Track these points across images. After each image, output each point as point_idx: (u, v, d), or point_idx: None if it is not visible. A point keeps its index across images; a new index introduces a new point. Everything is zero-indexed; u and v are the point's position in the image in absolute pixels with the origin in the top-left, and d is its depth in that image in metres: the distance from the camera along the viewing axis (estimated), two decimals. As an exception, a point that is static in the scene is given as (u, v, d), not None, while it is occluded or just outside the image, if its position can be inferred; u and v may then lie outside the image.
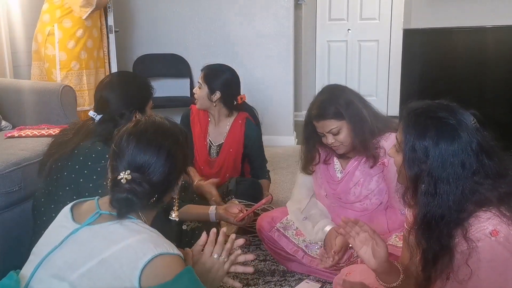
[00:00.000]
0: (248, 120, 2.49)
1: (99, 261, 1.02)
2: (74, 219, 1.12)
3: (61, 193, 1.58)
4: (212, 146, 2.49)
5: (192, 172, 2.40)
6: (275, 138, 4.03)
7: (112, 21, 3.39)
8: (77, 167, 1.57)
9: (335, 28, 5.25)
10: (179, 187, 1.22)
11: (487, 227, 1.07)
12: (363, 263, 1.73)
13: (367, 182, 1.82)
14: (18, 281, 1.07)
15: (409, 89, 4.28)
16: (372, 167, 1.79)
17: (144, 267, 1.00)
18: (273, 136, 3.97)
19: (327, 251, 1.81)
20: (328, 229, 1.85)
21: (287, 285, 1.89)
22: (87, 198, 1.21)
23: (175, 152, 1.16)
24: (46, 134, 2.26)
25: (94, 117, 1.68)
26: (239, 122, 2.47)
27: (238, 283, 1.27)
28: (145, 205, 1.13)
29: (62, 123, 2.42)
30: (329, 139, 1.74)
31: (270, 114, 3.90)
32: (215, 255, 1.22)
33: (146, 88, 1.78)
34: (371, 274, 1.39)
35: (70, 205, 1.17)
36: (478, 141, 1.11)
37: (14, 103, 2.63)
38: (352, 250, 1.83)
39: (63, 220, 1.13)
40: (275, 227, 2.00)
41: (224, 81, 2.39)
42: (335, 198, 1.90)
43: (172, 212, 1.29)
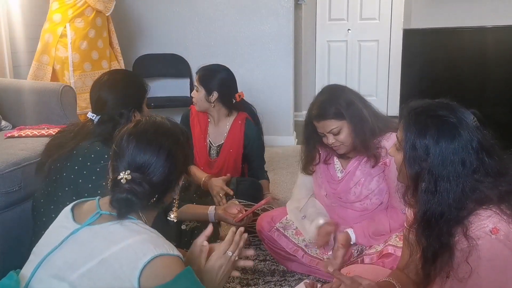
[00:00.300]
0: (248, 120, 2.49)
1: (99, 261, 1.02)
2: (75, 219, 1.12)
3: (61, 194, 1.58)
4: (212, 147, 2.49)
5: (198, 171, 2.39)
6: (275, 138, 4.03)
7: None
8: (76, 168, 1.57)
9: (335, 28, 5.25)
10: (180, 188, 1.22)
11: (487, 225, 1.07)
12: (364, 263, 1.74)
13: (368, 182, 1.82)
14: (18, 281, 1.07)
15: (409, 89, 4.27)
16: (374, 167, 1.79)
17: (144, 268, 1.00)
18: (273, 136, 3.97)
19: (317, 245, 1.82)
20: (321, 222, 1.83)
21: (287, 285, 1.89)
22: (88, 198, 1.21)
23: (176, 152, 1.16)
24: (46, 134, 2.26)
25: (93, 118, 1.67)
26: (239, 122, 2.47)
27: (237, 272, 1.27)
28: (145, 206, 1.13)
29: (62, 123, 2.42)
30: (330, 139, 1.74)
31: (270, 114, 3.89)
32: (229, 253, 1.23)
33: (142, 86, 1.77)
34: (371, 274, 1.39)
35: (71, 205, 1.17)
36: (478, 140, 1.11)
37: (14, 103, 2.63)
38: (353, 250, 1.83)
39: (64, 220, 1.13)
40: (275, 227, 2.00)
41: (220, 81, 2.39)
42: (335, 198, 1.90)
43: (171, 213, 1.28)
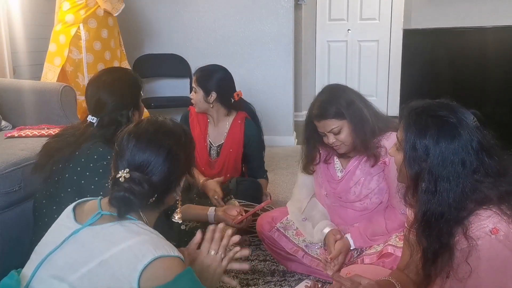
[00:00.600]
0: (247, 120, 2.49)
1: (99, 263, 1.01)
2: (76, 219, 1.12)
3: (63, 195, 1.57)
4: (212, 147, 2.49)
5: (196, 173, 2.40)
6: (275, 138, 4.03)
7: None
8: (79, 169, 1.56)
9: (335, 28, 5.25)
10: (181, 189, 1.21)
11: (487, 225, 1.07)
12: (364, 263, 1.74)
13: (368, 182, 1.82)
14: (19, 281, 1.07)
15: (409, 89, 4.27)
16: (373, 166, 1.79)
17: (144, 269, 1.00)
18: (273, 136, 3.97)
19: (328, 253, 1.81)
20: (327, 231, 1.85)
21: (287, 285, 1.88)
22: (90, 198, 1.20)
23: (176, 152, 1.15)
24: (46, 134, 2.26)
25: (93, 122, 1.63)
26: (238, 122, 2.47)
27: (234, 282, 1.26)
28: (145, 205, 1.12)
29: (62, 123, 2.42)
30: (330, 139, 1.74)
31: (270, 114, 3.90)
32: (212, 252, 1.21)
33: (137, 83, 1.75)
34: (371, 275, 1.39)
35: (73, 205, 1.17)
36: (479, 140, 1.11)
37: (14, 103, 2.63)
38: (352, 251, 1.83)
39: (65, 220, 1.13)
40: (275, 227, 2.00)
41: (218, 81, 2.39)
42: (335, 197, 1.90)
43: (175, 214, 1.28)
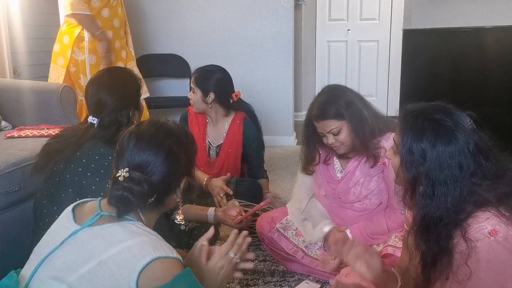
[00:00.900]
0: (246, 120, 2.49)
1: (98, 263, 1.02)
2: (76, 220, 1.12)
3: (64, 195, 1.57)
4: (212, 147, 2.49)
5: (199, 172, 2.38)
6: (275, 139, 4.03)
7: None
8: (80, 169, 1.56)
9: (335, 28, 5.25)
10: (182, 190, 1.21)
11: (486, 227, 1.07)
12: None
13: (367, 182, 1.82)
14: (18, 282, 1.07)
15: (409, 90, 4.27)
16: (373, 167, 1.79)
17: (142, 270, 1.00)
18: (273, 137, 3.97)
19: (329, 252, 1.81)
20: (327, 230, 1.85)
21: (287, 286, 1.88)
22: (89, 199, 1.20)
23: (177, 153, 1.15)
24: (46, 135, 2.26)
25: (94, 122, 1.63)
26: (237, 122, 2.47)
27: (239, 273, 1.26)
28: (144, 205, 1.12)
29: (62, 123, 2.42)
30: (330, 140, 1.74)
31: (270, 114, 3.90)
32: (232, 254, 1.22)
33: (137, 83, 1.74)
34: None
35: (72, 206, 1.17)
36: (475, 143, 1.11)
37: (14, 103, 2.63)
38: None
39: (65, 221, 1.13)
40: (275, 228, 2.00)
41: (216, 81, 2.39)
42: (335, 198, 1.90)
43: (177, 215, 1.28)
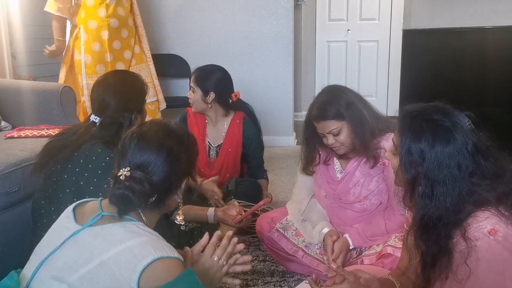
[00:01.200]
0: (246, 120, 2.49)
1: (99, 263, 1.02)
2: (77, 220, 1.12)
3: (62, 196, 1.57)
4: (211, 147, 2.49)
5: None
6: (275, 139, 4.03)
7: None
8: (78, 170, 1.56)
9: (335, 29, 5.25)
10: (182, 191, 1.21)
11: (486, 226, 1.07)
12: (363, 263, 1.74)
13: (367, 183, 1.82)
14: (19, 282, 1.07)
15: (409, 90, 4.28)
16: (373, 168, 1.79)
17: (143, 270, 1.00)
18: (273, 137, 3.97)
19: (327, 255, 1.81)
20: (325, 232, 1.85)
21: (287, 286, 1.89)
22: (90, 199, 1.21)
23: (178, 153, 1.16)
24: (46, 135, 2.26)
25: (96, 121, 1.65)
26: (237, 122, 2.47)
27: (238, 280, 1.27)
28: (145, 205, 1.13)
29: (62, 124, 2.42)
30: (330, 140, 1.74)
31: (270, 115, 3.90)
32: (215, 258, 1.22)
33: (143, 88, 1.75)
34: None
35: (73, 206, 1.17)
36: (474, 142, 1.11)
37: (14, 104, 2.63)
38: (352, 251, 1.83)
39: (65, 221, 1.13)
40: (275, 228, 2.00)
41: (216, 81, 2.39)
42: (335, 199, 1.90)
43: (178, 216, 1.28)
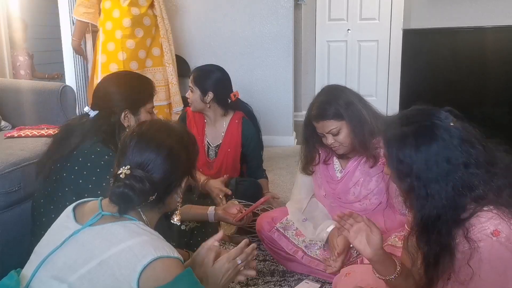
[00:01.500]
0: (245, 119, 2.48)
1: (99, 263, 1.02)
2: (77, 220, 1.12)
3: (61, 194, 1.58)
4: (210, 148, 2.49)
5: (197, 174, 2.38)
6: (275, 138, 4.03)
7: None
8: (77, 168, 1.57)
9: (335, 28, 5.24)
10: (182, 190, 1.21)
11: (489, 227, 1.07)
12: (363, 263, 1.74)
13: (367, 182, 1.82)
14: (19, 282, 1.07)
15: (409, 89, 4.29)
16: (372, 167, 1.79)
17: (143, 270, 1.00)
18: (273, 136, 3.97)
19: (330, 251, 1.81)
20: (330, 230, 1.85)
21: (287, 285, 1.89)
22: (90, 199, 1.21)
23: (178, 152, 1.16)
24: (46, 134, 2.26)
25: (89, 113, 1.67)
26: (236, 122, 2.47)
27: (252, 272, 1.31)
28: (145, 203, 1.13)
29: (62, 123, 2.42)
30: (329, 140, 1.74)
31: (270, 114, 3.89)
32: (239, 261, 1.24)
33: (143, 90, 1.73)
34: (371, 274, 1.39)
35: (73, 205, 1.17)
36: (458, 135, 1.12)
37: (14, 103, 2.64)
38: (352, 250, 1.83)
39: (65, 220, 1.13)
40: (275, 227, 2.00)
41: (215, 81, 2.39)
42: (335, 198, 1.90)
43: (174, 216, 1.28)
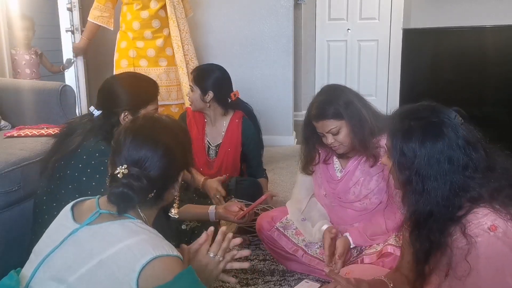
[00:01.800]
0: (245, 119, 2.49)
1: (98, 262, 1.01)
2: (75, 219, 1.11)
3: (63, 192, 1.58)
4: (211, 147, 2.49)
5: (196, 173, 2.39)
6: (275, 138, 4.03)
7: (78, 21, 3.31)
8: (80, 166, 1.57)
9: (335, 28, 5.24)
10: (180, 185, 1.21)
11: (486, 223, 1.08)
12: (364, 262, 1.74)
13: (367, 182, 1.82)
14: (18, 282, 1.07)
15: (409, 89, 4.28)
16: (372, 167, 1.79)
17: (142, 269, 0.99)
18: (273, 136, 3.96)
19: (324, 251, 1.81)
20: (324, 228, 1.85)
21: (287, 285, 1.89)
22: (88, 197, 1.20)
23: (174, 147, 1.16)
24: (46, 134, 2.26)
25: (93, 112, 1.68)
26: (236, 121, 2.47)
27: (233, 279, 1.27)
28: (144, 201, 1.12)
29: (62, 123, 2.42)
30: (329, 139, 1.74)
31: (270, 114, 3.89)
32: (211, 254, 1.21)
33: (145, 92, 1.73)
34: (370, 274, 1.40)
35: (71, 204, 1.17)
36: (463, 136, 1.13)
37: (14, 103, 2.63)
38: (352, 250, 1.83)
39: (64, 220, 1.13)
40: (275, 227, 2.00)
41: (215, 80, 2.39)
42: (335, 198, 1.90)
43: (172, 209, 1.28)
